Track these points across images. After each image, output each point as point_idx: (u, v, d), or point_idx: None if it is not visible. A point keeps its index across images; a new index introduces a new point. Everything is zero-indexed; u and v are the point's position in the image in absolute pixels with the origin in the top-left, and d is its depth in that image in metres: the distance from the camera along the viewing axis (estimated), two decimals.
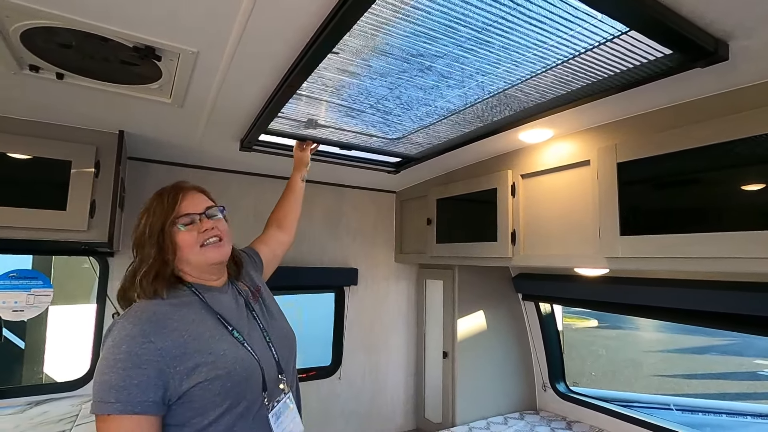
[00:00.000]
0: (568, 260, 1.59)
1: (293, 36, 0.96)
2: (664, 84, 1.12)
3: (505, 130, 1.58)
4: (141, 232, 1.04)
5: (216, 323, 1.00)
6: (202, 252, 1.03)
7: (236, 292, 1.14)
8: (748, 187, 1.11)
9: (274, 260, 1.47)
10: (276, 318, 1.18)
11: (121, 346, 0.86)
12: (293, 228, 1.58)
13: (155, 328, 0.90)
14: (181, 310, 0.97)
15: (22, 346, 3.39)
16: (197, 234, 1.03)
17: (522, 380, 2.46)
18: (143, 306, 0.95)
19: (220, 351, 0.94)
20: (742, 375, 8.15)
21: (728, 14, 0.82)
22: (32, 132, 1.48)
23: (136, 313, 0.93)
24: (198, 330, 0.95)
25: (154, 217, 1.03)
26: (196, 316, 0.98)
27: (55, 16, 0.89)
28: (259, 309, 1.14)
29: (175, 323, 0.93)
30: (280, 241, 1.51)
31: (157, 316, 0.92)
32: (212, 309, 1.02)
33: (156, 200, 1.06)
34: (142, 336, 0.87)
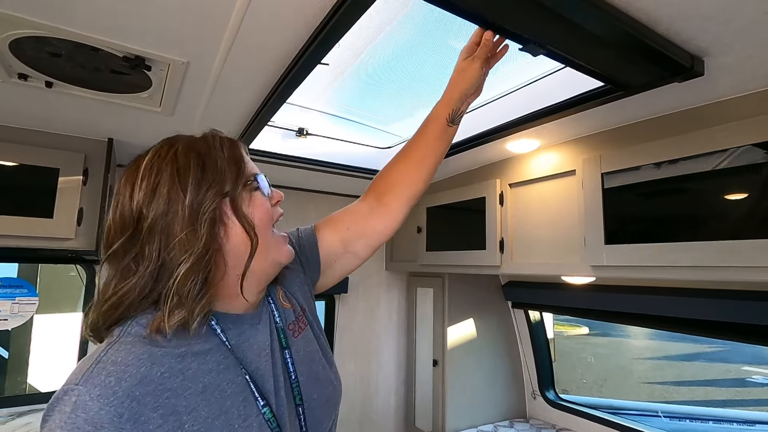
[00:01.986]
0: (555, 268, 1.61)
1: (283, 46, 0.97)
2: (645, 97, 1.15)
3: (493, 140, 1.60)
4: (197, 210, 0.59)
5: (241, 392, 0.59)
6: (275, 241, 0.67)
7: (273, 315, 0.71)
8: (729, 198, 1.14)
9: (348, 258, 0.86)
10: (320, 364, 0.74)
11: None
12: (402, 210, 0.89)
13: (139, 410, 0.50)
14: (189, 368, 0.56)
15: (5, 355, 3.32)
16: (270, 207, 0.67)
17: (512, 388, 2.46)
18: (123, 358, 0.52)
19: None
20: (730, 382, 8.23)
21: (703, 32, 0.85)
22: (20, 139, 1.47)
23: (108, 376, 0.50)
24: (209, 411, 0.55)
25: (217, 176, 0.62)
26: (209, 380, 0.57)
27: (44, 26, 0.89)
28: (299, 350, 0.71)
29: (173, 398, 0.53)
30: (370, 228, 0.86)
31: (145, 385, 0.52)
32: (241, 365, 0.61)
33: (202, 145, 0.66)
34: (113, 425, 0.48)
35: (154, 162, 0.63)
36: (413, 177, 0.89)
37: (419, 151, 0.89)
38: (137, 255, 0.58)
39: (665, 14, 0.80)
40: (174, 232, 0.58)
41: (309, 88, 1.60)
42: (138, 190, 0.60)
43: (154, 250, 0.57)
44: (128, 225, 0.59)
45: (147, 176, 0.61)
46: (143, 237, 0.58)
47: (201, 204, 0.59)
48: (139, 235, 0.58)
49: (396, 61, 1.43)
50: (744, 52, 0.92)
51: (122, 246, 0.58)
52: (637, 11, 0.79)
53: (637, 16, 0.81)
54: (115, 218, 0.60)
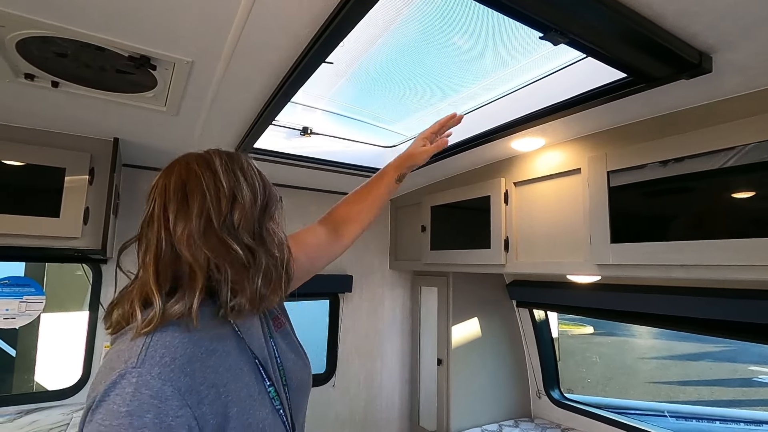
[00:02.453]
0: (560, 267, 1.61)
1: (287, 46, 0.97)
2: (651, 95, 1.14)
3: (498, 139, 1.60)
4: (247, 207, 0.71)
5: (252, 371, 0.68)
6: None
7: (263, 316, 0.81)
8: (736, 196, 1.13)
9: (307, 275, 1.06)
10: (297, 353, 0.86)
11: (144, 415, 0.53)
12: (351, 239, 1.13)
13: (193, 384, 0.58)
14: (217, 349, 0.64)
15: (13, 354, 3.35)
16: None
17: (516, 387, 2.46)
18: (170, 342, 0.60)
19: (260, 421, 0.65)
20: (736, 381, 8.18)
21: (711, 28, 0.84)
22: (26, 139, 1.48)
23: (164, 357, 0.58)
24: (236, 385, 0.64)
25: (262, 187, 0.76)
26: (232, 360, 0.66)
27: (51, 26, 0.90)
28: (281, 341, 0.83)
29: (212, 374, 0.61)
30: (329, 251, 1.09)
31: (194, 362, 0.60)
32: (250, 350, 0.70)
33: (246, 165, 0.77)
34: (176, 397, 0.56)
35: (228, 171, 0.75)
36: (364, 216, 1.15)
37: (371, 197, 1.16)
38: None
39: (672, 10, 0.79)
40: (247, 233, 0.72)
41: (313, 87, 1.61)
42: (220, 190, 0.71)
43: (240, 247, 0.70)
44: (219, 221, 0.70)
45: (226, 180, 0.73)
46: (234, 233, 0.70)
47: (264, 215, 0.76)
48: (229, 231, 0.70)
49: (400, 59, 1.43)
50: (752, 49, 0.91)
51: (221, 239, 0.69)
52: (642, 7, 0.79)
53: (643, 11, 0.80)
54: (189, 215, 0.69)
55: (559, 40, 0.84)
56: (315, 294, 2.57)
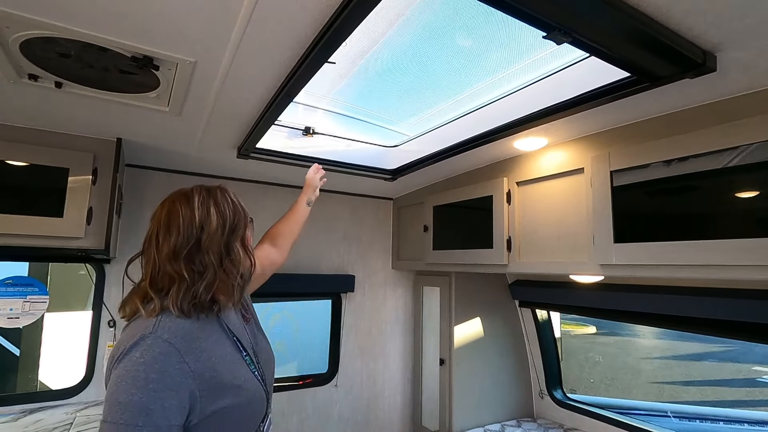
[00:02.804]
0: (563, 267, 1.60)
1: (290, 46, 0.97)
2: (655, 94, 1.14)
3: (500, 138, 1.59)
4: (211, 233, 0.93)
5: (232, 345, 0.95)
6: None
7: (238, 310, 1.09)
8: (740, 195, 1.12)
9: (261, 279, 1.35)
10: (262, 340, 1.13)
11: (153, 365, 0.78)
12: (287, 250, 1.47)
13: (189, 348, 0.83)
14: (206, 329, 0.91)
15: (16, 353, 3.36)
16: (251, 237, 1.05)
17: (519, 387, 2.45)
18: (176, 322, 0.86)
19: (241, 377, 0.91)
20: (740, 382, 8.14)
21: (716, 27, 0.84)
22: (30, 139, 1.48)
23: (170, 329, 0.84)
24: (221, 352, 0.90)
25: (238, 213, 0.99)
26: (217, 336, 0.93)
27: (54, 26, 0.90)
28: (248, 330, 1.09)
29: (203, 343, 0.87)
30: (272, 260, 1.38)
31: (189, 335, 0.85)
32: (229, 330, 0.97)
33: (221, 197, 0.98)
34: (177, 355, 0.80)
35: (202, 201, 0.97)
36: (290, 234, 1.48)
37: (293, 219, 1.50)
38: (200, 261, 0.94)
39: (677, 9, 0.79)
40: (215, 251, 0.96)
41: (315, 87, 1.60)
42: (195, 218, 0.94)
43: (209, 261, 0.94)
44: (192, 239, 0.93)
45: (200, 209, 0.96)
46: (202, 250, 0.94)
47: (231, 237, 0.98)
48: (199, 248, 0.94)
49: (402, 59, 1.42)
50: (758, 47, 0.90)
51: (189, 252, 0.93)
52: (648, 6, 0.78)
53: (648, 10, 0.80)
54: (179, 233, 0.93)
55: (563, 39, 0.83)
56: (317, 294, 2.57)
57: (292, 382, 2.42)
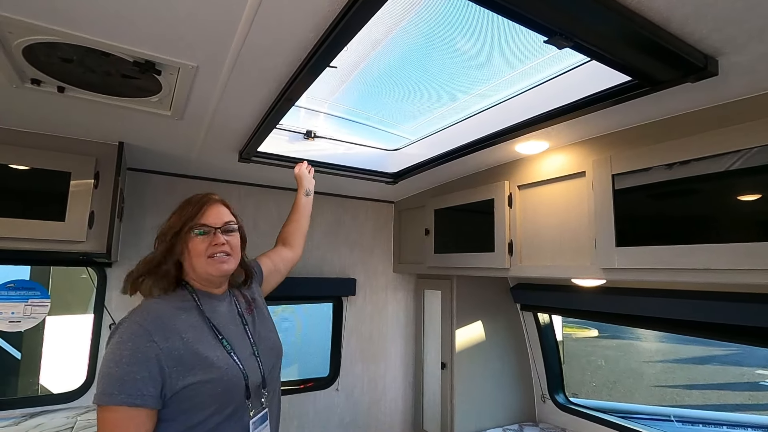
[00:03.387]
0: (564, 271, 1.60)
1: (291, 50, 0.97)
2: (657, 98, 1.14)
3: (502, 142, 1.59)
4: (163, 231, 1.12)
5: (209, 330, 1.07)
6: (208, 263, 1.10)
7: (234, 301, 1.21)
8: (741, 200, 1.12)
9: (276, 274, 1.48)
10: (267, 330, 1.25)
11: (127, 344, 0.94)
12: (299, 245, 1.60)
13: (158, 329, 0.97)
14: (182, 315, 1.05)
15: (18, 356, 3.36)
16: (208, 245, 1.10)
17: (521, 391, 2.44)
18: (149, 307, 1.03)
19: (214, 357, 1.02)
20: (743, 385, 8.09)
21: (717, 31, 0.84)
22: (32, 143, 1.49)
23: (142, 314, 1.00)
24: (195, 334, 1.03)
25: (178, 218, 1.11)
26: (194, 321, 1.06)
27: (57, 32, 0.91)
28: (251, 321, 1.21)
29: (176, 325, 1.01)
30: (284, 257, 1.53)
31: (161, 319, 1.00)
32: (207, 318, 1.09)
33: (184, 204, 1.13)
34: (146, 336, 0.95)
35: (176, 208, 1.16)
36: (298, 228, 1.62)
37: (297, 215, 1.64)
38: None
39: (678, 14, 0.79)
40: (161, 241, 1.13)
41: (317, 91, 1.61)
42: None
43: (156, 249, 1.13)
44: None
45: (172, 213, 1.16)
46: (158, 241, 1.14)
47: (171, 230, 1.10)
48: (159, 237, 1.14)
49: (403, 62, 1.43)
50: (757, 52, 0.90)
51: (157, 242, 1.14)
52: (649, 11, 0.78)
53: (649, 15, 0.80)
54: None
55: (564, 44, 0.83)
56: (319, 297, 2.57)
57: (293, 386, 2.41)
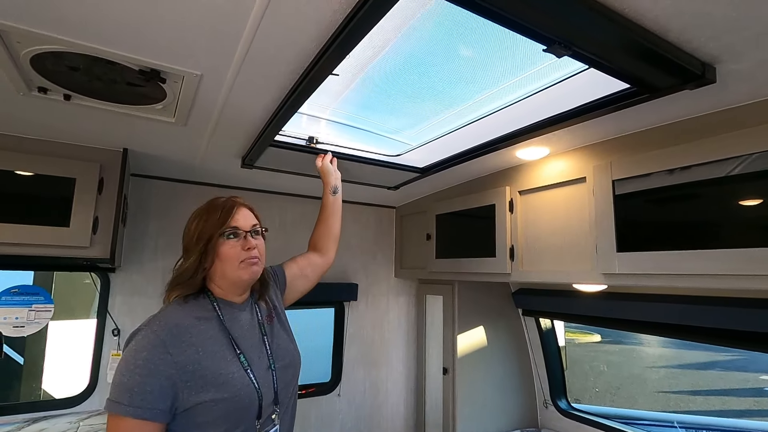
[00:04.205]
0: (566, 276, 1.60)
1: (294, 59, 0.99)
2: (656, 104, 1.15)
3: (503, 148, 1.60)
4: (191, 239, 1.07)
5: (228, 343, 1.03)
6: (240, 268, 1.06)
7: (255, 310, 1.16)
8: (742, 205, 1.13)
9: (303, 281, 1.42)
10: (286, 342, 1.19)
11: (141, 353, 0.91)
12: (330, 249, 1.52)
13: (175, 341, 0.94)
14: (201, 325, 1.01)
15: (21, 361, 3.37)
16: (240, 250, 1.07)
17: (523, 397, 2.44)
18: (168, 316, 0.99)
19: (229, 373, 0.98)
20: (747, 391, 8.03)
21: (714, 39, 0.85)
22: (38, 150, 1.51)
23: (159, 323, 0.96)
24: (213, 348, 0.99)
25: (205, 224, 1.06)
26: (213, 333, 1.02)
27: (64, 41, 0.92)
28: (270, 331, 1.16)
29: (193, 338, 0.97)
30: (313, 262, 1.46)
31: (178, 329, 0.96)
32: (227, 330, 1.04)
33: (210, 209, 1.09)
34: (161, 347, 0.92)
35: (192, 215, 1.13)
36: (327, 230, 1.55)
37: (324, 215, 1.56)
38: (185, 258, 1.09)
39: (675, 23, 0.80)
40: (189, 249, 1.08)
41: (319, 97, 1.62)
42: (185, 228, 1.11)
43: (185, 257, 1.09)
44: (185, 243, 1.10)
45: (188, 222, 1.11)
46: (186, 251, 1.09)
47: (200, 236, 1.06)
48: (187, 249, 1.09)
49: (405, 69, 1.43)
50: (756, 60, 0.91)
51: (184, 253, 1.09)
52: (646, 20, 0.80)
53: (647, 24, 0.81)
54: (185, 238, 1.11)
55: (563, 52, 0.84)
56: (320, 302, 2.57)
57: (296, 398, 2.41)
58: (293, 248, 1.58)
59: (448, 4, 0.77)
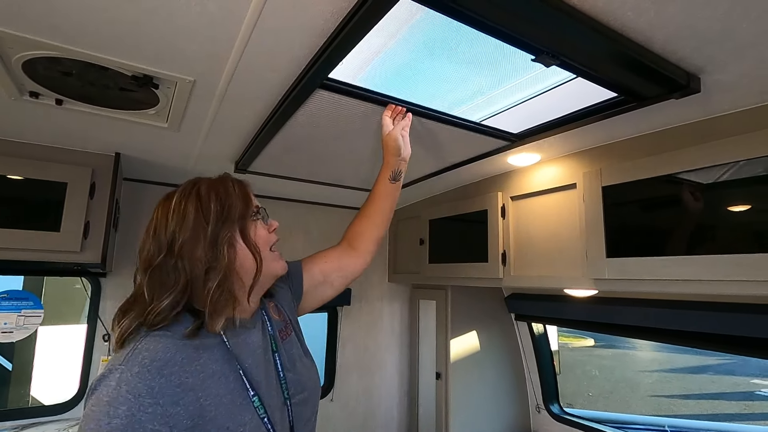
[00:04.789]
0: (557, 281, 1.62)
1: (286, 67, 1.00)
2: (644, 112, 1.17)
3: (495, 154, 1.62)
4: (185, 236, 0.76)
5: (237, 380, 0.75)
6: (273, 258, 0.85)
7: (266, 323, 0.89)
8: (729, 211, 1.15)
9: (326, 288, 1.11)
10: (304, 367, 0.92)
11: (119, 406, 0.62)
12: (368, 251, 1.18)
13: (167, 384, 0.66)
14: (201, 357, 0.72)
15: (9, 367, 3.33)
16: (268, 233, 0.85)
17: (516, 402, 2.44)
18: (154, 347, 0.69)
19: (239, 424, 0.71)
20: (738, 395, 8.10)
21: (698, 51, 0.87)
22: (29, 154, 1.50)
23: (144, 359, 0.67)
24: (218, 390, 0.71)
25: (234, 200, 0.81)
26: (216, 367, 0.73)
27: (57, 47, 0.92)
28: (285, 352, 0.89)
29: (191, 378, 0.69)
30: (343, 264, 1.13)
31: (171, 366, 0.68)
32: (235, 359, 0.77)
33: (206, 189, 0.81)
34: (149, 395, 0.64)
35: (182, 198, 0.80)
36: (371, 227, 1.19)
37: (373, 207, 1.19)
38: (170, 271, 0.74)
39: (659, 35, 0.82)
40: (197, 255, 0.75)
41: None
42: (171, 219, 0.78)
43: (183, 268, 0.74)
44: (163, 247, 0.76)
45: (176, 209, 0.79)
46: (175, 256, 0.75)
47: (219, 232, 0.77)
48: (172, 255, 0.75)
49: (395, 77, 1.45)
50: (738, 71, 0.94)
51: (159, 264, 0.74)
52: (631, 32, 0.81)
53: (632, 36, 0.83)
54: (151, 241, 0.78)
55: (551, 62, 0.86)
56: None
57: None
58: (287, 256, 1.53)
59: (436, 15, 0.78)
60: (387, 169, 1.16)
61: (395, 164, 1.16)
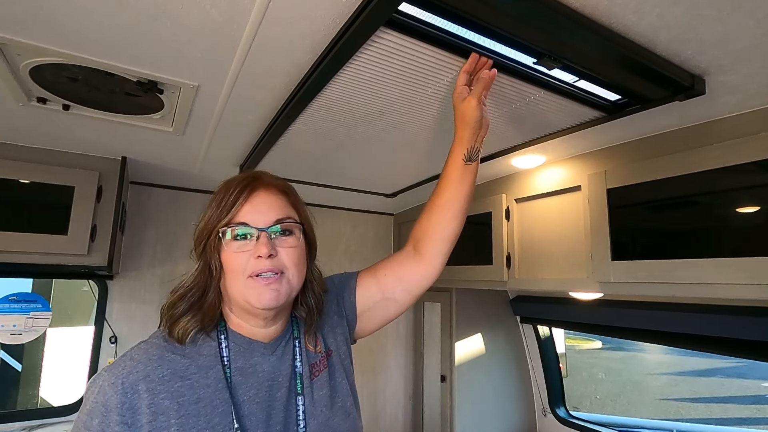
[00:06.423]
0: (561, 284, 1.61)
1: (289, 71, 1.00)
2: (648, 114, 1.16)
3: (499, 156, 1.62)
4: (196, 236, 0.73)
5: (228, 413, 0.64)
6: (247, 286, 0.68)
7: (294, 353, 0.75)
8: (735, 214, 1.13)
9: (389, 305, 0.91)
10: (337, 410, 0.76)
11: (93, 418, 0.59)
12: (438, 253, 0.94)
13: (138, 402, 0.60)
14: (190, 376, 0.65)
15: (18, 368, 3.37)
16: (248, 257, 0.69)
17: (521, 405, 2.43)
18: (139, 356, 0.64)
19: None
20: (748, 399, 7.98)
21: (701, 53, 0.86)
22: (37, 159, 1.52)
23: (123, 369, 0.62)
24: (197, 422, 0.62)
25: (210, 215, 0.72)
26: (204, 394, 0.64)
27: (63, 54, 0.94)
28: (315, 392, 0.74)
29: (167, 400, 0.61)
30: (405, 275, 0.92)
31: (148, 382, 0.61)
32: (229, 389, 0.66)
33: (221, 192, 0.74)
34: (117, 411, 0.59)
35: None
36: (442, 222, 0.92)
37: (443, 195, 0.92)
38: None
39: (662, 37, 0.81)
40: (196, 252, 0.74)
41: None
42: None
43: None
44: None
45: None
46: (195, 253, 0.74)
47: (201, 235, 0.73)
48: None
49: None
50: (743, 72, 0.93)
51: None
52: (634, 34, 0.81)
53: (635, 38, 0.82)
54: None
55: (553, 65, 0.86)
56: None
57: None
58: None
59: None
60: (461, 147, 0.89)
61: (471, 139, 0.89)
